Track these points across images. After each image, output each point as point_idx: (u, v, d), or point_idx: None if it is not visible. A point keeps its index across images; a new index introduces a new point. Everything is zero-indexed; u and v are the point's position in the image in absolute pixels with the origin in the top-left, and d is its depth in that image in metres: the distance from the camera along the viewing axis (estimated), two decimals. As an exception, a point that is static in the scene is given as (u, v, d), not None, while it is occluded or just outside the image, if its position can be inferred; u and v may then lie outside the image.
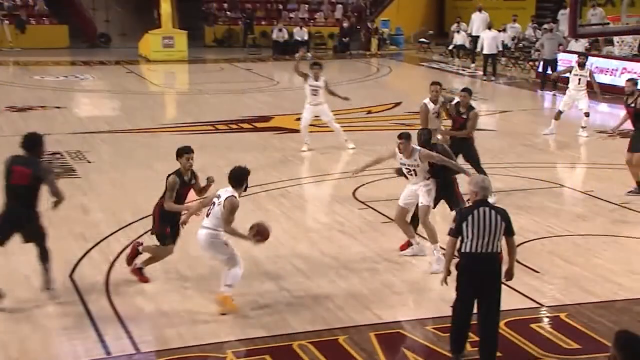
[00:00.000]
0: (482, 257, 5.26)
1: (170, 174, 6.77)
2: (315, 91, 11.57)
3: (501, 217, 5.29)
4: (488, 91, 18.54)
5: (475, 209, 5.31)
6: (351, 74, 21.97)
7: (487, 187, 5.40)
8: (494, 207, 5.38)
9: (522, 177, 10.29)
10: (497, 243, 5.28)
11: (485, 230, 5.24)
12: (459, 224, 5.33)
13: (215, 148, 12.29)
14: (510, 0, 26.02)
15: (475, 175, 5.70)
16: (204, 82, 20.12)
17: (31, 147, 6.39)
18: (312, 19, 27.16)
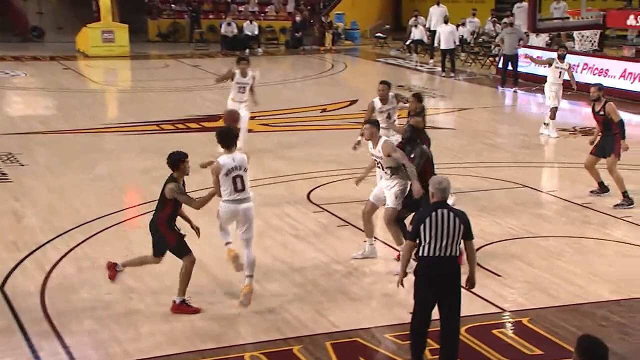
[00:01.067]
0: (440, 261, 5.32)
1: (167, 183, 6.49)
2: (242, 88, 11.42)
3: (459, 219, 5.36)
4: (447, 88, 18.81)
5: (433, 211, 5.37)
6: (305, 70, 22.01)
7: (446, 189, 5.46)
8: (453, 210, 5.45)
9: (483, 177, 10.47)
10: (455, 246, 5.35)
11: (443, 233, 5.30)
12: (417, 227, 5.39)
13: (161, 149, 12.12)
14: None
15: (436, 176, 5.76)
16: (148, 79, 19.88)
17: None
18: (263, 12, 27.12)
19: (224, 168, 6.48)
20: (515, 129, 14.15)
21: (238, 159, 6.54)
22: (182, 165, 6.55)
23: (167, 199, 6.46)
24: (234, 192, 6.50)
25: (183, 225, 6.74)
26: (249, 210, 6.58)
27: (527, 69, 18.21)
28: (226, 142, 6.58)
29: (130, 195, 10.20)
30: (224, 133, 6.70)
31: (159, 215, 6.54)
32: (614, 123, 9.31)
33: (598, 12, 16.92)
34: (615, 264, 7.60)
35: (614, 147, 9.27)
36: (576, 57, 17.23)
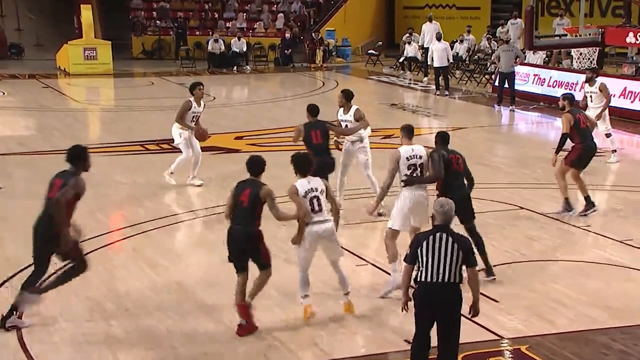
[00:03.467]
0: (437, 287, 5.34)
1: (263, 187, 6.61)
2: (197, 118, 11.05)
3: (459, 245, 5.38)
4: (441, 106, 18.96)
5: (432, 235, 5.41)
6: (295, 88, 22.14)
7: (447, 213, 5.46)
8: (454, 234, 5.46)
9: (479, 199, 10.52)
10: (455, 272, 5.36)
11: (440, 258, 5.32)
12: (414, 250, 5.43)
13: (146, 170, 12.18)
14: (464, 9, 26.82)
15: (440, 198, 5.80)
16: (132, 97, 19.95)
17: (73, 160, 6.87)
18: (251, 29, 27.31)
19: (301, 190, 6.68)
20: (512, 149, 14.27)
21: (313, 181, 6.78)
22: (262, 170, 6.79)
23: (260, 206, 6.56)
24: (312, 214, 6.69)
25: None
26: (327, 231, 6.74)
27: (524, 87, 18.41)
28: (302, 169, 6.80)
29: (114, 218, 10.21)
30: (301, 160, 6.85)
31: (257, 226, 6.60)
32: (574, 133, 9.67)
33: (596, 30, 17.19)
34: (616, 288, 7.65)
35: (567, 156, 9.77)
36: (574, 75, 17.46)
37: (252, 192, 6.56)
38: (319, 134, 9.20)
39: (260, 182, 6.67)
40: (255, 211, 6.56)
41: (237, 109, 19.02)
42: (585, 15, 20.00)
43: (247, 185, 6.65)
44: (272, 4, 28.78)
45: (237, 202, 6.60)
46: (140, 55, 27.11)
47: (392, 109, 17.42)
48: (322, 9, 28.64)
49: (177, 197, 10.83)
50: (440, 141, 7.73)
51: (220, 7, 28.67)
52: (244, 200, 6.54)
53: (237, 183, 6.78)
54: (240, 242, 6.57)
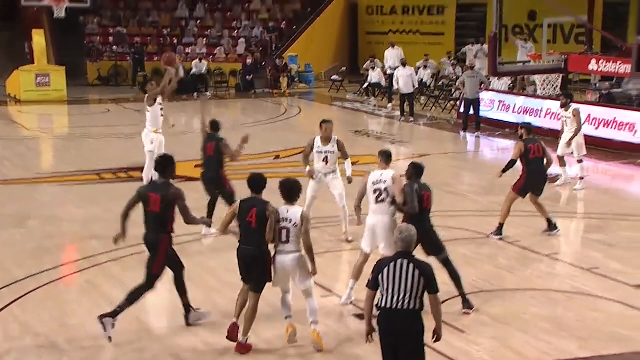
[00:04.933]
0: (398, 314, 5.40)
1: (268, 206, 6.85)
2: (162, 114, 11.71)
3: (420, 272, 5.43)
4: (406, 133, 19.13)
5: (393, 261, 5.46)
6: (257, 115, 22.16)
7: (406, 239, 5.53)
8: (415, 261, 5.52)
9: (445, 227, 10.60)
10: (416, 300, 5.41)
11: (401, 284, 5.37)
12: (376, 276, 5.50)
13: (101, 200, 12.03)
14: (427, 35, 27.24)
15: (401, 225, 5.91)
16: (87, 125, 19.76)
17: (162, 169, 7.22)
18: (212, 54, 27.34)
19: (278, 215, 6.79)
20: (478, 176, 14.44)
21: (292, 212, 6.82)
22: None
23: (267, 228, 6.67)
24: (279, 243, 6.81)
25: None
26: (287, 263, 6.80)
27: (490, 114, 18.70)
28: (289, 197, 6.88)
29: (67, 250, 10.04)
30: (289, 187, 6.93)
31: (266, 245, 6.76)
32: (523, 161, 10.10)
33: (559, 57, 17.61)
34: (583, 318, 7.73)
35: (515, 182, 10.15)
36: (539, 101, 17.80)
37: (259, 211, 6.72)
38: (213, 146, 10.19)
39: (265, 201, 6.84)
40: (264, 230, 6.71)
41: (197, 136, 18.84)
42: (549, 41, 20.51)
43: (252, 204, 6.82)
44: (232, 29, 28.90)
45: (244, 223, 6.77)
46: (95, 82, 26.92)
47: (357, 136, 17.52)
48: (284, 35, 28.84)
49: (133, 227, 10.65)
50: (415, 174, 7.79)
51: (180, 33, 28.68)
52: (251, 222, 6.73)
53: (240, 201, 6.94)
54: (249, 263, 6.79)
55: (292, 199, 6.91)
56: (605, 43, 20.67)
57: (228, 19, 29.32)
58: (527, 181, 10.12)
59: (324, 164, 9.82)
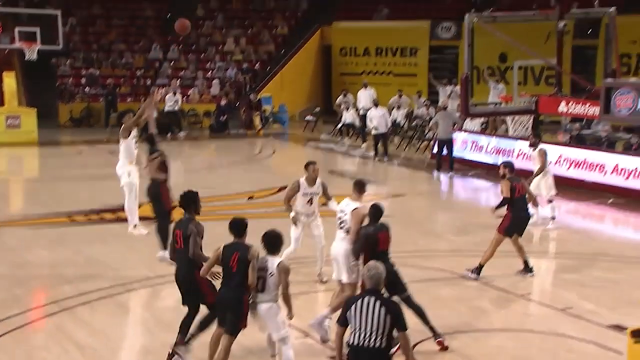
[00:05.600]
0: (365, 351, 5.46)
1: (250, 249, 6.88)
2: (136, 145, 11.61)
3: (387, 310, 5.51)
4: (380, 173, 19.26)
5: (360, 299, 5.56)
6: (231, 155, 22.19)
7: (374, 277, 5.66)
8: (382, 299, 5.60)
9: (420, 268, 10.64)
10: (382, 338, 5.47)
11: (368, 322, 5.47)
12: (344, 313, 5.61)
13: (71, 242, 11.91)
14: (400, 76, 27.63)
15: (369, 263, 5.97)
16: (59, 167, 19.62)
17: (185, 205, 7.46)
18: (185, 95, 27.43)
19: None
20: (452, 216, 14.53)
21: (270, 262, 6.84)
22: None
23: (249, 272, 6.72)
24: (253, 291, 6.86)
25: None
26: (267, 310, 6.83)
27: (463, 154, 18.91)
28: (271, 249, 6.91)
29: (35, 294, 9.88)
30: (272, 239, 6.94)
31: (246, 290, 6.77)
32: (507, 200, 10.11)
33: (530, 98, 17.94)
34: (558, 359, 7.75)
35: (500, 223, 10.13)
36: (511, 141, 18.05)
37: (241, 256, 6.76)
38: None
39: (248, 245, 6.86)
40: (245, 276, 6.73)
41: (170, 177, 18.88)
42: (520, 83, 20.89)
43: (235, 248, 6.84)
44: (206, 70, 29.06)
45: (226, 267, 6.81)
46: (67, 123, 26.82)
47: (331, 176, 17.57)
48: (258, 76, 29.05)
49: (105, 269, 10.57)
50: (373, 217, 7.85)
51: (153, 74, 28.77)
52: (233, 266, 6.77)
53: (223, 246, 6.94)
54: (227, 306, 6.79)
55: (275, 250, 6.91)
56: (574, 85, 21.10)
57: (202, 60, 29.50)
58: (513, 221, 10.09)
59: (308, 205, 9.77)
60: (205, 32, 30.52)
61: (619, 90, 9.46)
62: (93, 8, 30.56)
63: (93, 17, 30.42)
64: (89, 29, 30.10)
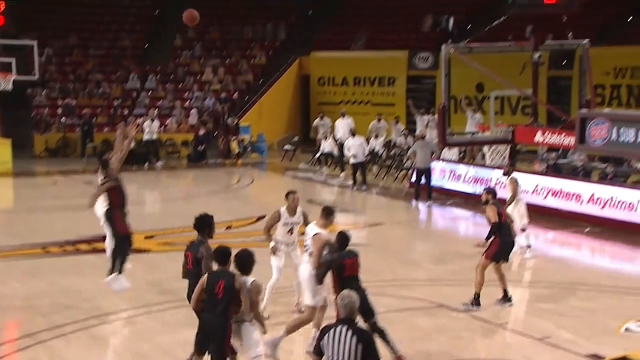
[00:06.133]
0: None
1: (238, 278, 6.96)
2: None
3: (358, 339, 5.56)
4: (359, 202, 19.33)
5: (333, 328, 5.62)
6: (209, 185, 22.16)
7: (347, 306, 5.72)
8: (355, 328, 5.65)
9: (398, 297, 10.67)
10: None
11: (339, 351, 5.52)
12: (318, 342, 5.67)
13: (45, 274, 11.80)
14: (378, 106, 27.88)
15: (343, 292, 6.03)
16: (34, 197, 19.47)
17: (200, 228, 7.69)
18: (163, 125, 27.42)
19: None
20: (430, 245, 14.60)
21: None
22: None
23: (242, 298, 6.82)
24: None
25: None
26: (242, 329, 6.97)
27: (441, 183, 19.06)
28: (243, 269, 7.01)
29: (7, 327, 9.76)
30: (243, 259, 7.06)
31: (229, 318, 6.83)
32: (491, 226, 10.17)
33: (507, 128, 18.16)
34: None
35: (487, 249, 10.14)
36: (489, 170, 18.23)
37: (226, 283, 6.83)
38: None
39: (233, 273, 6.95)
40: (230, 303, 6.80)
41: (147, 207, 18.83)
42: (497, 113, 21.17)
43: (220, 276, 6.94)
44: (184, 99, 29.12)
45: (211, 294, 6.87)
46: (43, 154, 26.66)
47: (310, 205, 17.60)
48: (236, 105, 29.16)
49: (80, 301, 10.47)
50: (338, 244, 7.95)
51: (131, 103, 28.77)
52: (218, 293, 6.84)
53: (207, 274, 7.03)
54: (209, 333, 6.85)
55: (247, 270, 7.00)
56: (550, 115, 21.40)
57: (180, 89, 29.57)
58: (500, 246, 10.11)
59: (289, 235, 9.77)
60: (183, 62, 30.62)
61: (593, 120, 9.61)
62: (70, 38, 30.58)
63: (70, 47, 30.42)
64: (66, 59, 30.07)
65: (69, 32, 30.72)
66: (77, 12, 31.42)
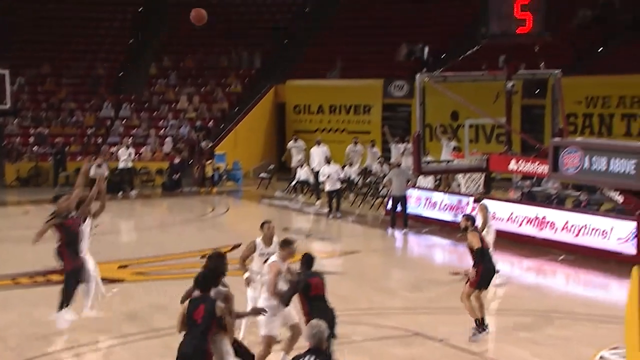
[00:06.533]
0: None
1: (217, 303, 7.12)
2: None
3: None
4: (334, 230, 19.34)
5: (302, 357, 5.66)
6: (184, 213, 22.07)
7: (316, 336, 5.74)
8: (324, 358, 5.68)
9: (374, 326, 10.67)
10: None
11: None
12: None
13: (15, 306, 11.64)
14: (354, 134, 28.03)
15: (312, 321, 6.10)
16: (4, 228, 19.26)
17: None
18: (138, 154, 27.30)
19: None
20: (406, 273, 14.64)
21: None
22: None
23: (215, 322, 6.90)
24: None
25: None
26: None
27: (417, 210, 19.16)
28: (200, 286, 7.14)
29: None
30: (199, 277, 7.23)
31: (208, 342, 6.88)
32: (474, 252, 10.15)
33: (481, 157, 18.32)
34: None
35: (472, 277, 10.11)
36: (464, 198, 18.37)
37: (207, 309, 6.93)
38: None
39: (214, 299, 7.06)
40: (210, 328, 6.88)
41: (121, 236, 18.70)
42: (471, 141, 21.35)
43: (201, 301, 7.03)
44: (159, 128, 29.07)
45: (190, 320, 6.95)
46: (14, 183, 26.40)
47: (285, 234, 17.60)
48: (212, 133, 29.16)
49: (51, 333, 10.34)
50: (304, 265, 8.09)
51: (104, 132, 28.65)
52: (197, 319, 6.92)
53: (189, 300, 7.10)
54: (190, 357, 6.86)
55: (203, 289, 7.18)
56: (524, 143, 21.63)
57: (154, 118, 29.52)
58: (483, 274, 10.14)
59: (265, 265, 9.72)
60: (158, 90, 30.61)
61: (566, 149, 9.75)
62: (42, 67, 30.48)
63: (42, 76, 30.31)
64: (38, 88, 29.94)
65: (42, 60, 30.62)
66: (50, 40, 31.39)
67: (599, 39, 26.42)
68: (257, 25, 32.92)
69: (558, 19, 24.60)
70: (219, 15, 33.27)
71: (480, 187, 17.69)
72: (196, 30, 32.38)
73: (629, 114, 23.22)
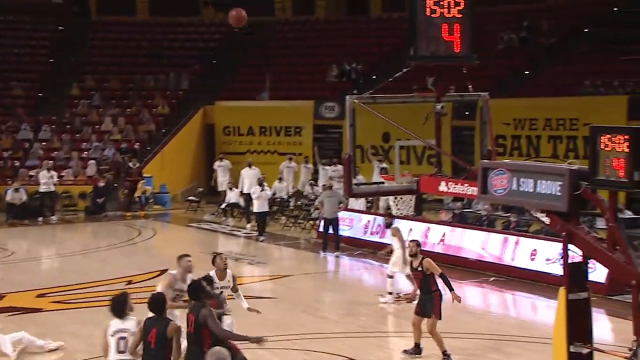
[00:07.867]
0: None
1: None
2: None
3: None
4: (265, 253, 19.31)
5: None
6: (108, 238, 21.67)
7: None
8: None
9: (307, 351, 10.69)
10: None
11: None
12: None
13: None
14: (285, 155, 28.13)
15: (214, 348, 6.19)
16: None
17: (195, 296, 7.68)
18: (60, 177, 26.69)
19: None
20: (339, 296, 14.72)
21: (128, 322, 7.26)
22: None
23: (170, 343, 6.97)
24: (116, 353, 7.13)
25: None
26: None
27: (349, 233, 19.33)
28: (115, 311, 7.26)
29: None
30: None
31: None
32: (433, 281, 10.30)
33: (411, 178, 18.65)
34: None
35: (433, 306, 10.17)
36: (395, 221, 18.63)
37: (159, 331, 6.99)
38: None
39: (168, 320, 7.14)
40: (164, 350, 6.94)
41: (40, 263, 18.23)
42: (403, 162, 21.71)
43: (154, 323, 7.11)
44: (82, 150, 28.51)
45: (145, 342, 7.01)
46: None
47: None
48: (138, 155, 28.77)
49: None
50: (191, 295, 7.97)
51: (22, 154, 27.92)
52: (151, 342, 6.98)
53: (145, 320, 7.19)
54: None
55: (117, 313, 7.33)
56: (455, 165, 22.11)
57: (77, 140, 28.94)
58: (441, 300, 10.26)
59: None
60: (80, 112, 30.03)
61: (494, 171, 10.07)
62: (-43, 87, 29.62)
63: (-44, 96, 29.43)
64: (-48, 109, 29.05)
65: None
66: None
67: (524, 62, 27.36)
68: (185, 45, 32.83)
69: (485, 42, 25.46)
70: (145, 34, 33.12)
71: (411, 208, 18.00)
72: (120, 50, 32.19)
73: (555, 135, 24.05)
